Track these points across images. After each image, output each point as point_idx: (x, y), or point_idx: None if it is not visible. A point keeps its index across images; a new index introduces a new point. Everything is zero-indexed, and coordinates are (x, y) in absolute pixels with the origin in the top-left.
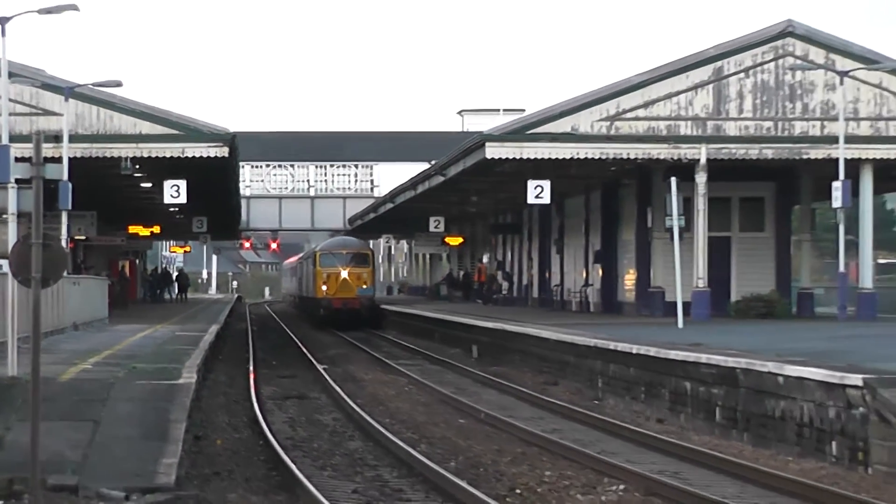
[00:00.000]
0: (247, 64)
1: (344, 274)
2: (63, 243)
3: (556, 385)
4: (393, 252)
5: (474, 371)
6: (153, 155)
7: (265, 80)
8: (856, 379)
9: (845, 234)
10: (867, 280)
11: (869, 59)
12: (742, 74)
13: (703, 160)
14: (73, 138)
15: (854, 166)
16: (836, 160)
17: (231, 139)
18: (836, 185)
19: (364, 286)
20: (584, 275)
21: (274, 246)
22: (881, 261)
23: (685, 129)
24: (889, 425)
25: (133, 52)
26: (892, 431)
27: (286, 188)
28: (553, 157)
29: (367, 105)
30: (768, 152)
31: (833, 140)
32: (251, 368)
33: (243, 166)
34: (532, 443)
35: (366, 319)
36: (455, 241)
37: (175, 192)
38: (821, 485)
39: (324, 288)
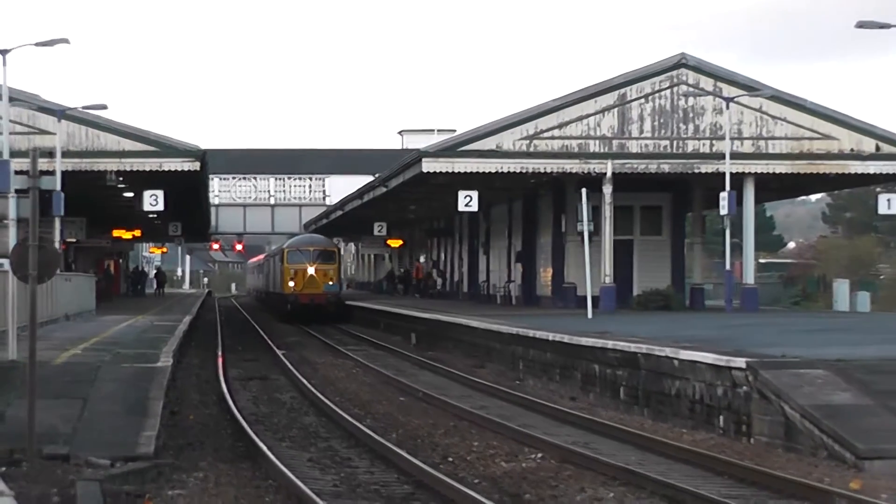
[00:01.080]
0: (216, 89)
1: (311, 270)
2: (56, 245)
3: (483, 368)
4: (342, 253)
5: (413, 356)
6: (134, 169)
7: (232, 103)
8: (740, 362)
9: (731, 238)
10: (750, 277)
11: (751, 87)
12: (643, 100)
13: (609, 174)
14: (65, 154)
15: (738, 179)
16: (723, 174)
17: (202, 155)
18: (723, 196)
19: (330, 282)
20: (508, 272)
21: (239, 247)
22: (761, 260)
23: (594, 146)
24: (768, 402)
25: (115, 76)
26: (771, 407)
27: (250, 197)
28: (480, 170)
29: (321, 125)
30: (665, 167)
31: (720, 157)
32: (219, 353)
33: (213, 178)
34: (462, 417)
35: (332, 315)
36: (396, 243)
37: (153, 200)
38: (710, 453)
39: (291, 284)
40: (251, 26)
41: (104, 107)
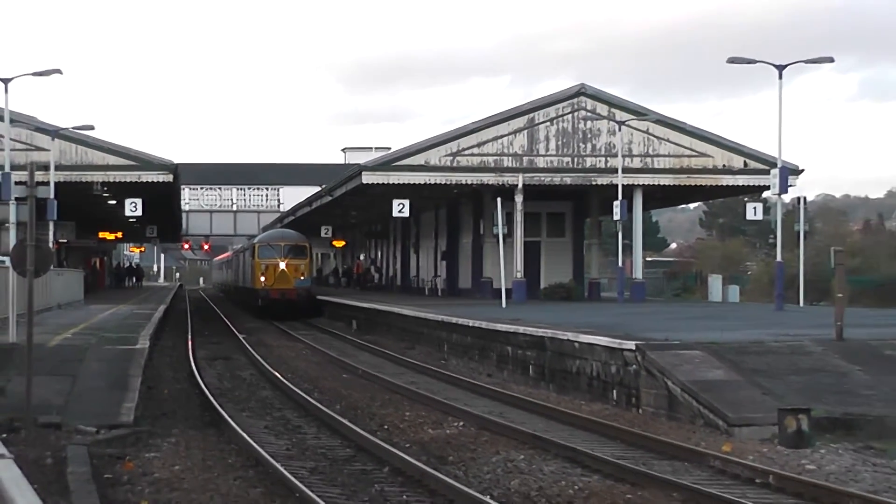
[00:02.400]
0: (188, 112)
1: (282, 265)
2: (49, 245)
3: (413, 349)
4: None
5: (354, 339)
6: (117, 180)
7: (201, 124)
8: (630, 344)
9: (622, 239)
10: (638, 273)
11: (639, 112)
12: (548, 123)
13: (520, 185)
14: (58, 168)
15: (629, 190)
16: (617, 186)
17: (174, 168)
18: (616, 204)
19: (301, 277)
20: (434, 269)
21: (206, 247)
22: (648, 259)
23: (507, 162)
24: (654, 378)
25: (100, 98)
26: (656, 382)
27: (215, 204)
28: (411, 182)
29: (276, 143)
30: (567, 180)
31: (614, 171)
32: (189, 337)
33: (184, 188)
34: (396, 391)
35: (303, 310)
36: (340, 243)
37: (133, 207)
38: (605, 421)
39: (262, 279)
40: (220, 59)
41: (91, 127)
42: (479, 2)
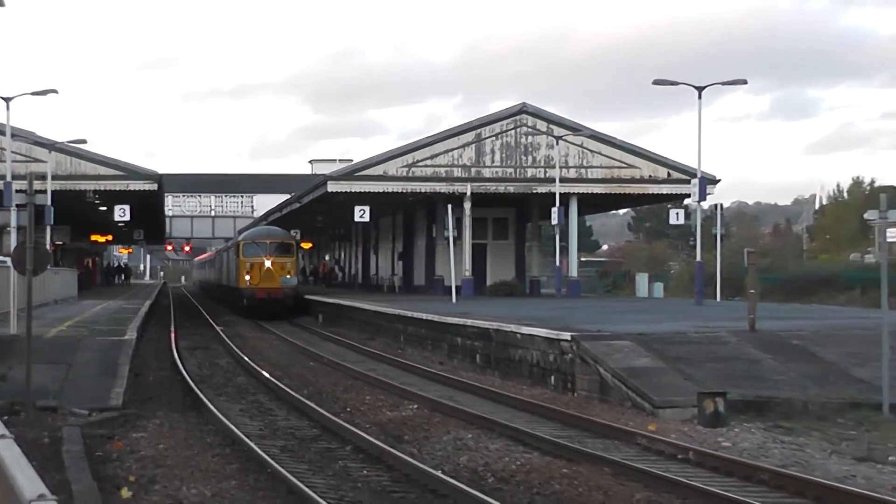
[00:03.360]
0: (171, 127)
1: (267, 263)
2: (47, 247)
3: (373, 340)
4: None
5: (320, 331)
6: (107, 189)
7: (183, 138)
8: (567, 335)
9: (560, 241)
10: (574, 271)
11: (575, 128)
12: (494, 137)
13: (468, 193)
14: (54, 177)
15: (565, 197)
16: (555, 194)
17: (159, 178)
18: (554, 210)
19: (288, 276)
20: (392, 268)
21: (187, 248)
22: (582, 259)
23: (457, 173)
24: (587, 365)
25: (92, 114)
26: (590, 369)
27: (195, 210)
28: (371, 191)
29: (250, 155)
30: (510, 188)
31: (552, 181)
32: (172, 329)
33: (167, 196)
34: (357, 377)
35: (290, 309)
36: (307, 245)
37: (122, 213)
38: (544, 404)
39: (247, 278)
40: (201, 79)
41: (84, 141)
42: (435, 28)
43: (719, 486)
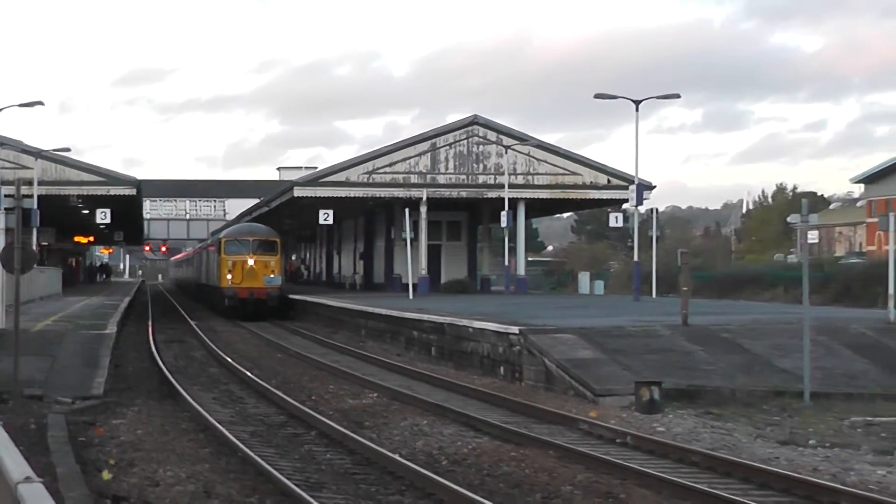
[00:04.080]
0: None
1: (250, 262)
2: (33, 247)
3: (336, 334)
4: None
5: (288, 325)
6: (89, 193)
7: (159, 145)
8: (515, 329)
9: (508, 242)
10: (521, 270)
11: (522, 138)
12: (448, 147)
13: (424, 198)
14: (40, 183)
15: (514, 202)
16: (504, 199)
17: (138, 184)
18: (504, 214)
19: (272, 275)
20: (353, 267)
21: (164, 249)
22: (529, 259)
23: (414, 179)
24: (534, 357)
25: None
26: (536, 360)
27: (171, 214)
28: (335, 196)
29: (223, 161)
30: (463, 194)
31: (501, 187)
32: (150, 324)
33: (145, 200)
34: (322, 368)
35: (273, 310)
36: None
37: (103, 216)
38: (494, 392)
39: (229, 277)
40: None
41: (68, 149)
42: (394, 45)
43: (654, 467)
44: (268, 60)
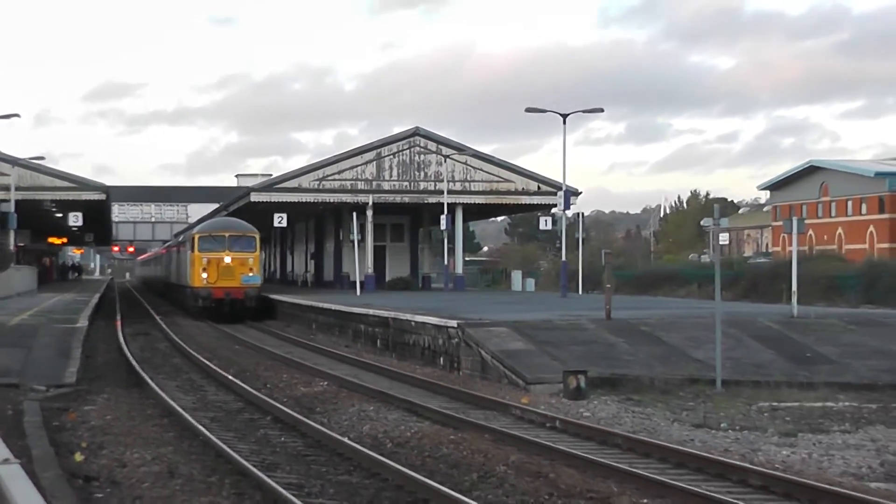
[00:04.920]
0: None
1: (227, 259)
2: (10, 248)
3: (290, 327)
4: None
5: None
6: (62, 198)
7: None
8: (453, 323)
9: (447, 244)
10: (459, 269)
11: (460, 149)
12: (392, 156)
13: (370, 203)
14: (17, 189)
15: (452, 207)
16: (443, 204)
17: (107, 189)
18: (443, 218)
19: (250, 273)
20: (305, 266)
21: (131, 249)
22: (466, 259)
23: (361, 186)
24: (471, 348)
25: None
26: (472, 351)
27: (138, 217)
28: (288, 201)
29: (186, 168)
30: (406, 199)
31: (441, 193)
32: (118, 318)
33: (114, 205)
34: (276, 359)
35: (251, 311)
36: None
37: (75, 219)
38: (434, 381)
39: (203, 276)
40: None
41: (42, 158)
42: (344, 62)
43: (581, 449)
44: (228, 76)
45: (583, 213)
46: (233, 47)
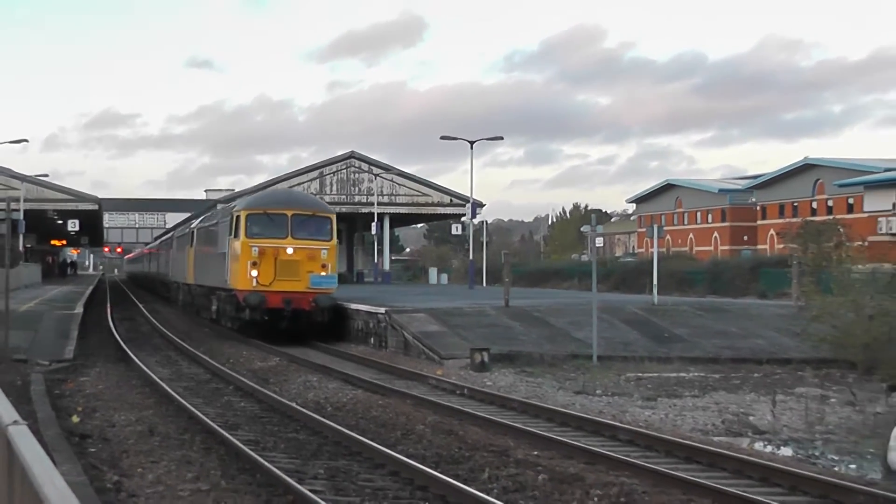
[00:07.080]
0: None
1: (289, 251)
2: (20, 248)
3: None
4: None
5: None
6: (62, 208)
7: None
8: (382, 310)
9: (377, 246)
10: (386, 266)
11: (387, 168)
12: (332, 174)
13: None
14: (25, 201)
15: (381, 216)
16: (374, 213)
17: (99, 201)
18: (374, 225)
19: (323, 273)
20: None
21: (119, 250)
22: (392, 258)
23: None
24: (396, 330)
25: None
26: (397, 333)
27: (125, 224)
28: None
29: (167, 185)
30: (344, 210)
31: (371, 204)
32: (108, 306)
33: (105, 213)
34: (238, 340)
35: (321, 327)
36: None
37: (73, 225)
38: (366, 357)
39: (252, 274)
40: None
41: (46, 175)
42: (298, 97)
43: (485, 411)
44: (204, 108)
45: (487, 221)
46: (209, 85)
